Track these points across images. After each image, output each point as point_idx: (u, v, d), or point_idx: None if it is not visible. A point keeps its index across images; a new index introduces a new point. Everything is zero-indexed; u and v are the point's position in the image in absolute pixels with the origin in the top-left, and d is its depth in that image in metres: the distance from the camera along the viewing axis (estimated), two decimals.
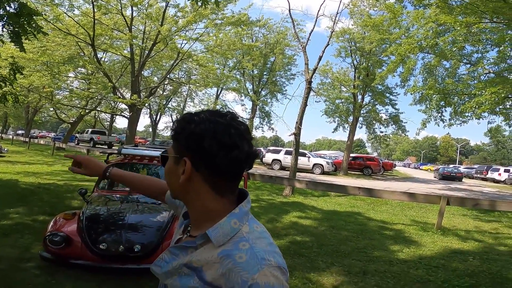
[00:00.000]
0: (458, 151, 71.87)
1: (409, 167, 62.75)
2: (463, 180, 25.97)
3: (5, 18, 4.61)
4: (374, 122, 23.95)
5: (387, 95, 22.34)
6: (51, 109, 28.29)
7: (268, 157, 22.09)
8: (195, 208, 0.75)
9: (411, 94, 15.24)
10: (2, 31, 5.19)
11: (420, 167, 56.89)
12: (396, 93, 22.44)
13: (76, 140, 29.14)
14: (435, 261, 4.28)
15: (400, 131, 23.47)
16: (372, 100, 23.17)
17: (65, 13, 13.61)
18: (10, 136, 31.02)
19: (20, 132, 40.81)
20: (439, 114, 14.27)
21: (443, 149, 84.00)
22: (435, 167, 36.67)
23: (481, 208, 7.21)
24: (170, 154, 0.76)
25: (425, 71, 15.51)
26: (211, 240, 0.68)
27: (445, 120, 14.11)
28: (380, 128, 23.98)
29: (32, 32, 4.97)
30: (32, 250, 3.52)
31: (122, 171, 1.19)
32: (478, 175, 29.46)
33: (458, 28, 9.88)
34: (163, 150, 0.81)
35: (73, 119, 28.15)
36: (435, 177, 27.61)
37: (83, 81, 21.08)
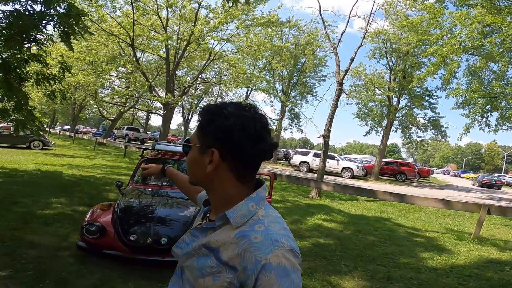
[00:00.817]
0: (505, 160, 66.04)
1: (448, 174, 58.90)
2: (503, 188, 25.16)
3: (56, 18, 4.94)
4: (410, 126, 22.82)
5: (426, 98, 21.18)
6: (95, 106, 30.31)
7: (296, 159, 21.91)
8: (217, 195, 0.79)
9: (453, 97, 14.38)
10: (54, 31, 5.64)
11: (461, 175, 53.16)
12: (437, 96, 21.21)
13: (114, 136, 31.30)
14: (467, 270, 4.07)
15: (440, 137, 22.09)
16: (409, 103, 22.09)
17: (108, 14, 14.53)
18: (57, 131, 33.68)
19: (66, 127, 44.18)
20: (484, 119, 13.34)
21: (488, 157, 77.82)
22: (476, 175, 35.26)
23: None
24: (196, 144, 0.79)
25: (470, 74, 14.57)
26: (229, 222, 0.72)
27: (491, 125, 13.14)
28: (417, 132, 22.82)
29: (80, 32, 5.35)
30: (69, 239, 3.77)
31: (175, 171, 1.38)
32: None
33: (506, 28, 9.17)
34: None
35: (114, 116, 29.99)
36: (473, 185, 27.69)
37: (123, 80, 22.32)
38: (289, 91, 25.72)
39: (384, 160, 23.17)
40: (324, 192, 9.80)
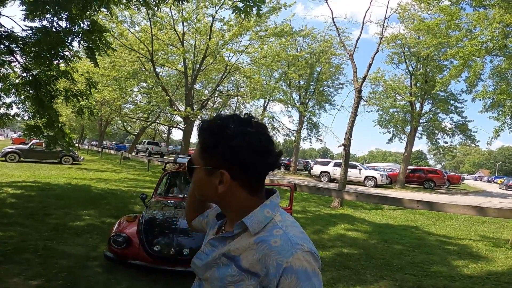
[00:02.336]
0: None
1: (481, 180, 55.74)
2: None
3: (80, 34, 5.15)
4: (436, 132, 21.98)
5: (452, 102, 20.42)
6: (119, 121, 31.58)
7: (316, 169, 21.60)
8: (232, 209, 0.80)
9: (480, 100, 13.79)
10: (79, 47, 5.88)
11: (495, 181, 50.10)
12: (462, 99, 20.42)
13: (136, 150, 32.87)
14: (506, 277, 3.85)
15: (469, 141, 21.09)
16: (433, 108, 21.35)
17: (128, 29, 15.27)
18: (86, 146, 35.29)
19: (94, 142, 46.20)
20: None
21: None
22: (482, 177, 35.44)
23: None
24: (201, 166, 0.78)
25: (495, 75, 13.96)
26: (247, 229, 0.73)
27: None
28: (444, 138, 21.92)
29: (103, 48, 5.56)
30: (98, 250, 3.92)
31: None
32: None
33: None
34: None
35: (137, 131, 31.09)
36: (500, 188, 29.57)
37: (145, 95, 23.17)
38: (307, 100, 25.57)
39: (409, 167, 22.36)
40: (346, 201, 9.58)
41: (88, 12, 5.10)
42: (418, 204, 6.99)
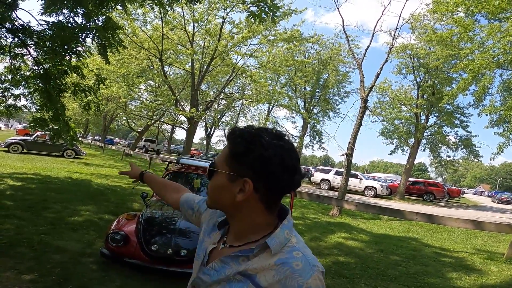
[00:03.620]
0: None
1: (481, 195, 55.25)
2: None
3: (94, 30, 5.15)
4: (440, 145, 21.86)
5: (457, 115, 20.30)
6: (124, 118, 31.82)
7: (317, 176, 21.57)
8: (242, 222, 0.79)
9: (487, 115, 13.70)
10: (92, 43, 5.91)
11: (495, 196, 49.73)
12: (469, 113, 20.25)
13: (130, 145, 34.50)
14: None
15: (472, 156, 20.94)
16: (438, 121, 21.24)
17: (139, 27, 15.39)
18: (89, 141, 35.49)
19: (97, 137, 46.47)
20: None
21: None
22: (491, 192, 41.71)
23: None
24: (226, 171, 0.77)
25: (504, 90, 13.90)
26: (266, 249, 0.73)
27: None
28: (447, 152, 21.79)
29: (115, 45, 5.61)
30: (94, 246, 3.91)
31: (154, 176, 1.37)
32: None
33: None
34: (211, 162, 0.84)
35: (141, 128, 31.26)
36: (492, 201, 33.96)
37: (151, 93, 23.32)
38: (311, 107, 25.53)
39: (410, 179, 22.25)
40: (345, 210, 9.55)
41: (104, 9, 5.12)
42: (417, 216, 6.97)
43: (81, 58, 5.63)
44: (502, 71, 13.14)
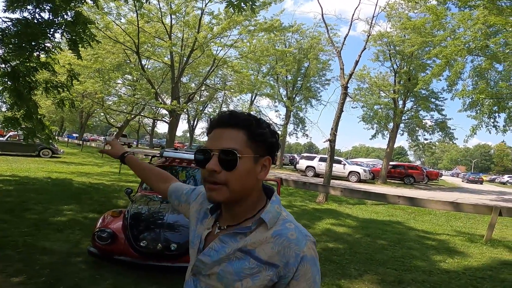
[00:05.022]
0: None
1: (457, 176, 57.97)
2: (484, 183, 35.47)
3: (63, 26, 5.00)
4: (417, 129, 22.64)
5: (432, 100, 21.03)
6: (102, 114, 30.82)
7: (302, 163, 21.84)
8: (247, 201, 0.81)
9: (460, 98, 14.30)
10: (61, 39, 5.71)
11: (464, 176, 52.57)
12: (443, 98, 21.06)
13: (106, 142, 33.85)
14: (481, 272, 4.03)
15: (448, 139, 21.87)
16: (415, 106, 21.95)
17: (113, 21, 14.80)
18: (66, 139, 34.18)
19: (74, 135, 44.87)
20: (492, 120, 13.21)
21: (498, 158, 76.62)
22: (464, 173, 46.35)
23: None
24: (250, 155, 0.78)
25: (475, 75, 14.49)
26: (262, 224, 0.78)
27: (499, 126, 13.00)
28: (424, 135, 22.64)
29: (87, 40, 5.43)
30: (81, 246, 3.83)
31: (136, 159, 1.31)
32: None
33: (511, 29, 9.13)
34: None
35: (120, 124, 30.36)
36: (462, 181, 36.94)
37: (130, 87, 22.63)
38: (294, 96, 25.71)
39: (391, 163, 22.98)
40: (331, 196, 9.76)
41: (73, 4, 4.96)
42: (400, 199, 7.24)
43: (50, 54, 5.45)
44: (473, 57, 13.64)
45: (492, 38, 10.51)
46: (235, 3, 3.72)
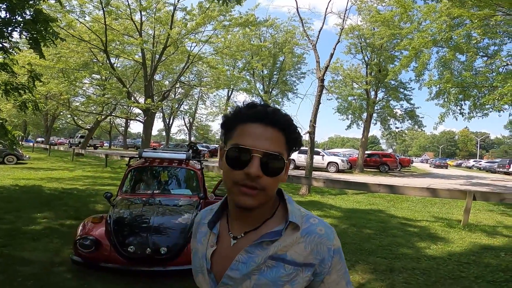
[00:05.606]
0: (478, 145, 69.66)
1: (427, 162, 61.18)
2: (449, 168, 39.18)
3: (22, 24, 4.72)
4: (389, 118, 23.53)
5: (401, 90, 21.93)
6: (69, 116, 29.24)
7: None
8: (268, 204, 0.75)
9: (428, 88, 14.92)
10: (20, 38, 5.33)
11: (431, 162, 55.76)
12: (411, 88, 22.03)
13: (69, 143, 34.40)
14: (465, 257, 4.18)
15: (417, 126, 22.96)
16: (385, 96, 22.80)
17: (77, 19, 13.98)
18: (31, 144, 32.10)
19: (39, 139, 42.30)
20: (458, 108, 13.94)
21: (462, 144, 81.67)
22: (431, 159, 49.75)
23: (507, 202, 6.96)
24: (286, 160, 0.74)
25: (440, 65, 15.20)
26: (291, 224, 0.73)
27: (465, 113, 13.76)
28: (396, 124, 23.59)
29: (50, 38, 5.09)
30: (62, 254, 3.61)
31: None
32: (501, 169, 28.33)
33: (476, 21, 9.61)
34: (185, 153, 0.76)
35: (90, 125, 28.90)
36: (430, 166, 39.86)
37: (98, 87, 21.60)
38: (270, 90, 25.80)
39: (366, 152, 23.76)
40: (313, 188, 9.88)
41: (32, 1, 4.70)
42: (380, 187, 7.46)
43: (8, 55, 5.14)
44: (438, 48, 14.29)
45: (456, 29, 11.03)
46: None
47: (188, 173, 4.64)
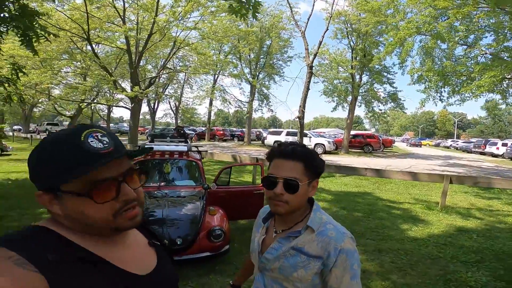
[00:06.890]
0: (456, 125, 72.55)
1: (407, 142, 63.34)
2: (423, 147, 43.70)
3: (8, 19, 4.65)
4: (372, 100, 24.19)
5: (385, 74, 22.54)
6: (48, 102, 28.21)
7: (270, 139, 22.41)
8: (297, 212, 1.06)
9: (411, 75, 15.47)
10: (7, 33, 5.20)
11: (408, 141, 57.59)
12: (394, 72, 22.75)
13: (37, 131, 33.95)
14: (443, 239, 4.59)
15: (399, 108, 23.83)
16: (370, 80, 23.34)
17: (55, 8, 13.39)
18: (10, 133, 30.92)
19: (16, 127, 40.69)
20: (438, 94, 14.61)
21: (441, 123, 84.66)
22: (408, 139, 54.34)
23: (481, 186, 7.53)
24: (306, 181, 1.02)
25: (422, 53, 15.67)
26: (309, 228, 1.02)
27: (444, 99, 14.46)
28: (379, 106, 24.32)
29: (43, 34, 5.00)
30: None
31: (242, 277, 1.41)
32: (477, 149, 29.33)
33: (459, 16, 9.96)
34: (186, 145, 1.05)
35: (72, 112, 28.03)
36: (407, 145, 44.29)
37: (81, 75, 20.90)
38: (257, 73, 25.83)
39: (351, 133, 24.54)
40: None
41: None
42: (367, 171, 7.94)
43: None
44: (421, 36, 14.72)
45: (439, 20, 11.40)
46: (237, 8, 3.66)
47: (190, 164, 4.75)
